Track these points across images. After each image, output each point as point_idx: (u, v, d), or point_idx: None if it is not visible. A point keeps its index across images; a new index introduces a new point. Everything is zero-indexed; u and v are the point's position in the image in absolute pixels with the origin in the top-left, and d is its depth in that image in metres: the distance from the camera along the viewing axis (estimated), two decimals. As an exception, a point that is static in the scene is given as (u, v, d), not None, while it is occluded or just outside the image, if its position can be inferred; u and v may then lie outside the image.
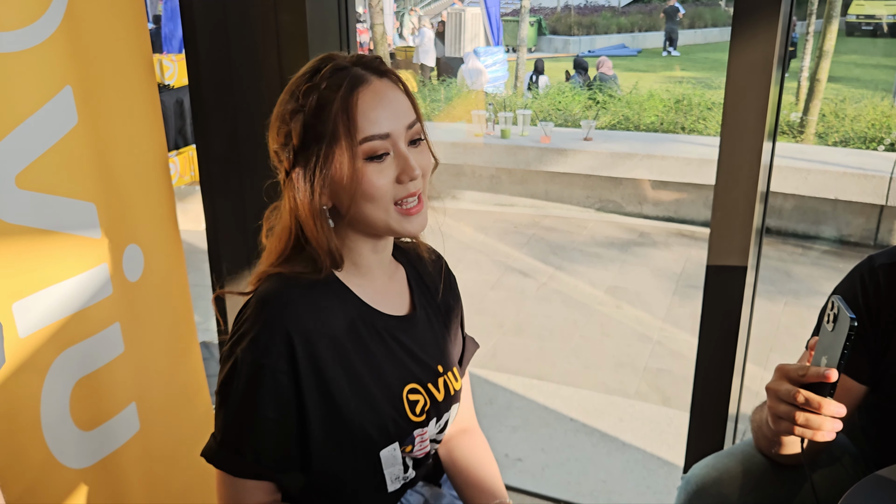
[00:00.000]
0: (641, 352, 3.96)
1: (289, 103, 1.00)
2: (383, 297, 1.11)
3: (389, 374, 1.08)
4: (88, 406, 1.45)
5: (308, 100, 0.98)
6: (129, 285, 1.53)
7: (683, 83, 11.68)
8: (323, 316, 1.02)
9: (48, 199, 1.34)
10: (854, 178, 5.56)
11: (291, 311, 0.99)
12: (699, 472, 1.31)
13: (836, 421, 0.97)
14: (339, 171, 0.98)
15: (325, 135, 0.98)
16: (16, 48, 1.25)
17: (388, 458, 1.08)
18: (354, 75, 0.99)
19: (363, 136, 0.97)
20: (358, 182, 0.98)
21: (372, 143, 0.98)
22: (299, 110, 0.99)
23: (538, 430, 2.79)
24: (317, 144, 0.98)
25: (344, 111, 0.97)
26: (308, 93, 0.98)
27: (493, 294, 4.82)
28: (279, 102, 1.03)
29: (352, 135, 0.97)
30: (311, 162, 0.99)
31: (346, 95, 0.97)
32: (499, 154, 6.79)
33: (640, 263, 5.40)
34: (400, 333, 1.11)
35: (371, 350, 1.07)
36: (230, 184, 1.93)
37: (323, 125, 0.98)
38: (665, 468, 2.56)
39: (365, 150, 0.98)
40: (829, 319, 0.99)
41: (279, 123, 1.01)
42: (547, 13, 21.59)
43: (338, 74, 0.99)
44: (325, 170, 0.98)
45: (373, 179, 0.98)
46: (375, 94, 0.99)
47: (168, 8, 6.23)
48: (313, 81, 0.99)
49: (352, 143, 0.97)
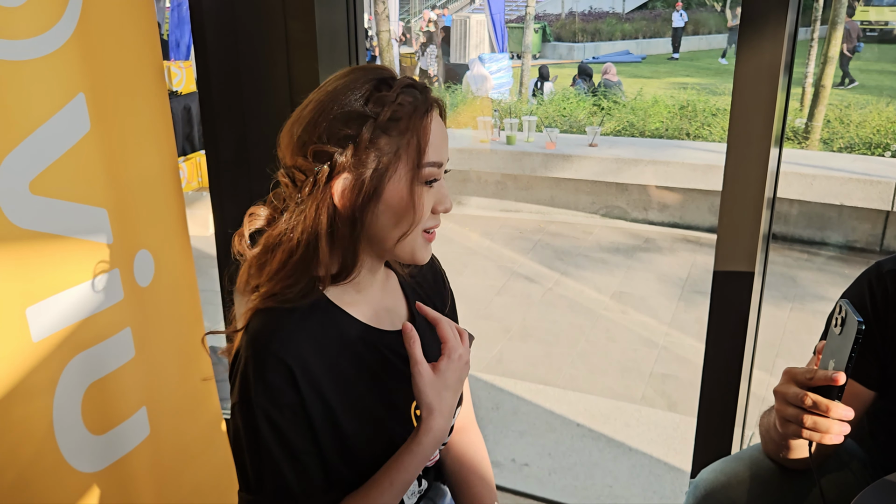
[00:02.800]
0: (647, 357, 3.96)
1: (352, 105, 0.95)
2: (380, 313, 1.09)
3: (396, 394, 1.06)
4: (100, 410, 1.46)
5: (382, 109, 0.95)
6: (140, 290, 1.54)
7: (688, 89, 11.69)
8: (319, 344, 0.99)
9: (61, 204, 1.35)
10: (859, 183, 5.55)
11: (287, 344, 0.96)
12: (708, 476, 1.31)
13: (844, 424, 0.98)
14: (396, 187, 0.97)
15: (392, 149, 0.96)
16: (30, 56, 1.27)
17: None
18: (426, 98, 0.99)
19: (428, 161, 0.97)
20: (415, 204, 0.97)
21: (433, 169, 0.98)
22: (369, 117, 0.95)
23: (544, 436, 2.79)
24: (378, 155, 0.96)
25: (417, 131, 0.96)
26: (381, 102, 0.95)
27: (499, 299, 4.82)
28: (331, 102, 0.96)
29: (421, 156, 0.96)
30: (368, 172, 0.95)
31: (422, 115, 0.97)
32: (504, 160, 6.81)
33: (646, 269, 5.40)
34: (401, 348, 1.07)
35: (373, 371, 1.05)
36: (239, 189, 1.94)
37: (393, 139, 0.96)
38: (671, 473, 2.56)
39: (426, 175, 0.97)
40: (836, 323, 1.00)
41: (334, 123, 0.95)
42: (551, 19, 21.63)
43: (409, 92, 0.97)
44: (380, 183, 0.96)
45: (425, 202, 0.99)
46: (439, 122, 1.00)
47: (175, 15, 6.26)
48: (384, 92, 0.96)
49: (418, 164, 0.96)
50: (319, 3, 1.74)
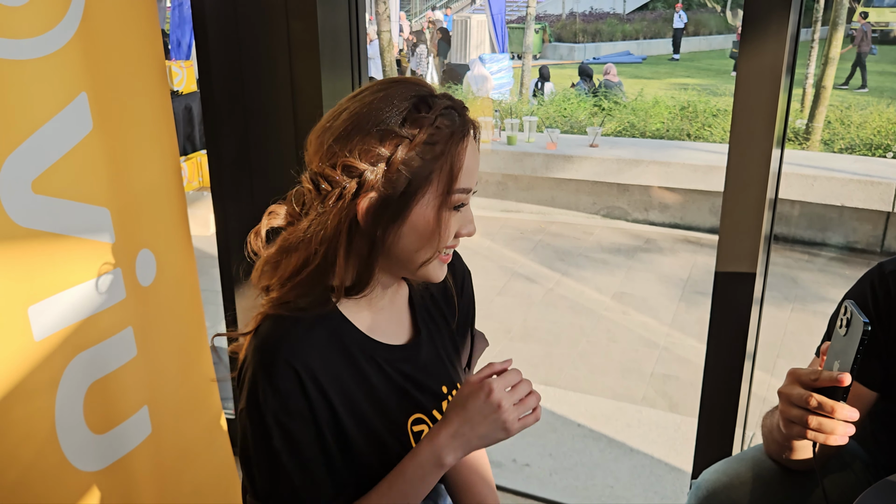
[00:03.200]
0: (648, 357, 3.96)
1: (386, 122, 0.93)
2: (383, 326, 1.08)
3: (393, 408, 1.06)
4: (102, 409, 1.46)
5: (419, 131, 0.93)
6: (142, 290, 1.54)
7: (689, 90, 11.69)
8: (325, 353, 0.98)
9: (63, 204, 1.35)
10: (860, 184, 5.55)
11: (296, 350, 0.95)
12: (710, 477, 1.31)
13: (849, 425, 0.97)
14: (424, 211, 0.95)
15: (424, 172, 0.94)
16: (33, 55, 1.27)
17: None
18: (463, 122, 0.97)
19: (460, 187, 0.96)
20: (441, 229, 0.96)
21: (462, 195, 0.97)
22: (405, 137, 0.93)
23: (545, 436, 2.79)
24: (410, 177, 0.94)
25: (451, 157, 0.94)
26: (418, 123, 0.93)
27: (500, 300, 4.82)
28: (364, 114, 0.94)
29: (452, 181, 0.95)
30: (397, 193, 0.94)
31: (458, 141, 0.95)
32: (505, 160, 6.80)
33: (647, 269, 5.40)
34: (401, 364, 1.08)
35: (373, 384, 1.04)
36: (241, 189, 1.94)
37: (427, 162, 0.94)
38: (672, 474, 2.56)
39: (455, 200, 0.96)
40: (841, 324, 1.00)
41: (368, 139, 0.93)
42: (552, 20, 21.64)
43: (448, 114, 0.95)
44: (408, 206, 0.95)
45: (451, 228, 0.98)
46: (473, 147, 0.98)
47: (176, 15, 6.27)
48: (422, 112, 0.94)
49: (449, 190, 0.95)
50: (321, 4, 1.74)
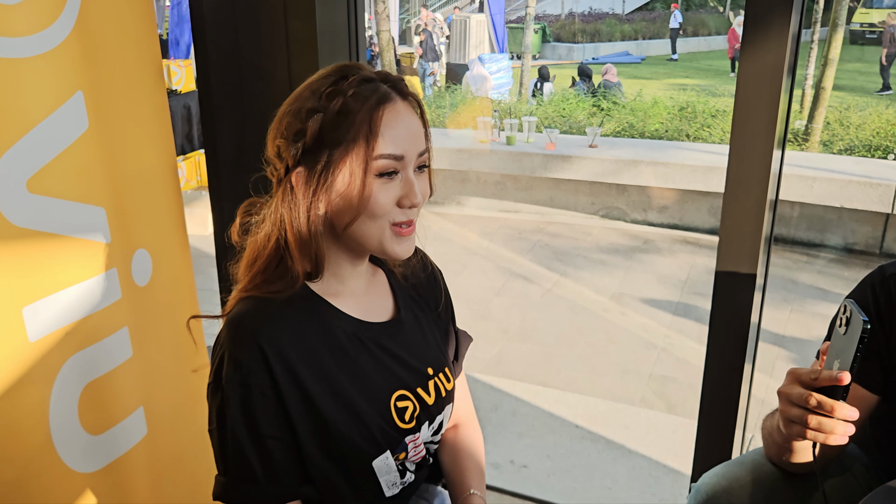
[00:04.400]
0: (647, 359, 3.95)
1: (308, 101, 0.98)
2: (364, 305, 1.10)
3: (375, 383, 1.07)
4: (97, 410, 1.45)
5: (332, 102, 0.97)
6: (138, 290, 1.53)
7: (687, 90, 11.69)
8: (298, 331, 1.00)
9: (58, 203, 1.34)
10: (860, 186, 5.55)
11: (263, 328, 0.98)
12: (709, 480, 1.30)
13: (849, 425, 0.97)
14: (347, 180, 0.97)
15: (341, 141, 0.97)
16: (29, 53, 1.26)
17: (382, 466, 1.07)
18: (383, 91, 0.99)
19: (380, 153, 0.97)
20: (363, 195, 0.97)
21: (386, 161, 0.97)
22: (319, 110, 0.97)
23: (543, 437, 2.79)
24: (329, 148, 0.97)
25: (367, 123, 0.96)
26: (332, 95, 0.97)
27: (498, 300, 4.81)
28: (294, 98, 1.01)
29: (370, 148, 0.96)
30: (319, 164, 0.98)
31: (373, 108, 0.97)
32: (504, 160, 6.80)
33: (645, 270, 5.39)
34: (385, 340, 1.10)
35: (354, 361, 1.05)
36: (238, 188, 1.93)
37: (342, 131, 0.97)
38: (670, 476, 2.56)
39: (378, 167, 0.97)
40: (841, 323, 0.99)
41: (290, 119, 0.99)
42: (551, 20, 21.64)
43: (366, 86, 0.98)
44: (331, 175, 0.97)
45: (378, 196, 0.98)
46: (398, 115, 0.99)
47: (175, 13, 6.25)
48: (339, 86, 0.98)
49: (367, 156, 0.96)
50: (320, 3, 1.73)
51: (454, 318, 1.27)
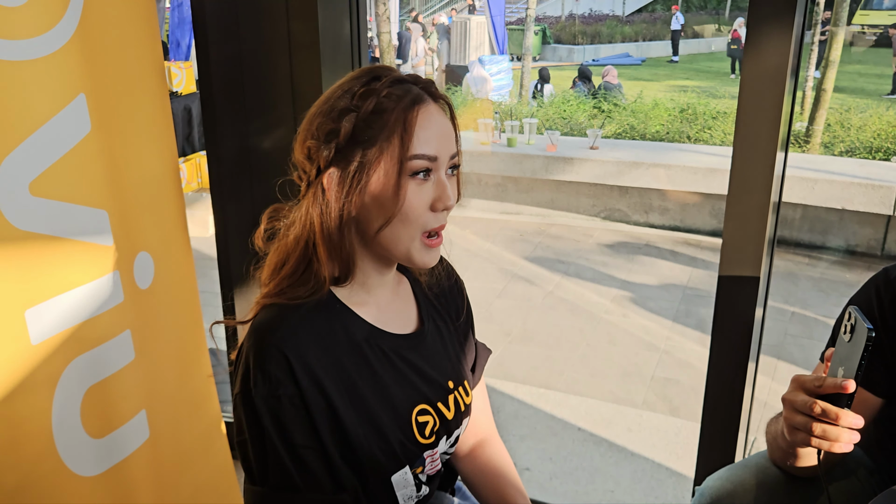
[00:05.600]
0: (649, 361, 3.95)
1: (340, 101, 0.98)
2: (388, 316, 1.09)
3: (397, 397, 1.05)
4: (99, 413, 1.44)
5: (365, 102, 0.96)
6: (140, 293, 1.53)
7: (688, 92, 11.68)
8: (323, 342, 0.99)
9: (61, 206, 1.34)
10: (861, 188, 5.55)
11: (288, 337, 0.96)
12: (713, 484, 1.30)
13: (854, 432, 0.97)
14: (382, 180, 0.96)
15: (375, 141, 0.96)
16: (31, 56, 1.26)
17: (400, 481, 1.06)
18: (416, 92, 0.98)
19: (414, 153, 0.96)
20: (397, 195, 0.96)
21: (420, 162, 0.96)
22: (352, 110, 0.96)
23: (546, 440, 2.78)
24: (363, 148, 0.96)
25: (402, 122, 0.95)
26: (366, 95, 0.96)
27: (500, 302, 4.81)
28: (325, 99, 1.00)
29: (405, 147, 0.95)
30: (353, 165, 0.96)
31: (407, 108, 0.96)
32: (505, 162, 6.80)
33: (647, 272, 5.38)
34: (407, 352, 1.08)
35: (377, 372, 1.04)
36: (240, 190, 1.93)
37: (375, 130, 0.96)
38: (673, 478, 2.55)
39: (412, 167, 0.96)
40: (845, 330, 0.98)
41: (322, 119, 0.98)
42: (551, 22, 21.66)
43: (399, 86, 0.98)
44: (365, 176, 0.96)
45: (412, 198, 0.97)
46: (432, 116, 0.98)
47: (175, 15, 6.26)
48: (372, 86, 0.97)
49: (402, 156, 0.95)
50: (322, 5, 1.73)
51: (474, 329, 1.26)
